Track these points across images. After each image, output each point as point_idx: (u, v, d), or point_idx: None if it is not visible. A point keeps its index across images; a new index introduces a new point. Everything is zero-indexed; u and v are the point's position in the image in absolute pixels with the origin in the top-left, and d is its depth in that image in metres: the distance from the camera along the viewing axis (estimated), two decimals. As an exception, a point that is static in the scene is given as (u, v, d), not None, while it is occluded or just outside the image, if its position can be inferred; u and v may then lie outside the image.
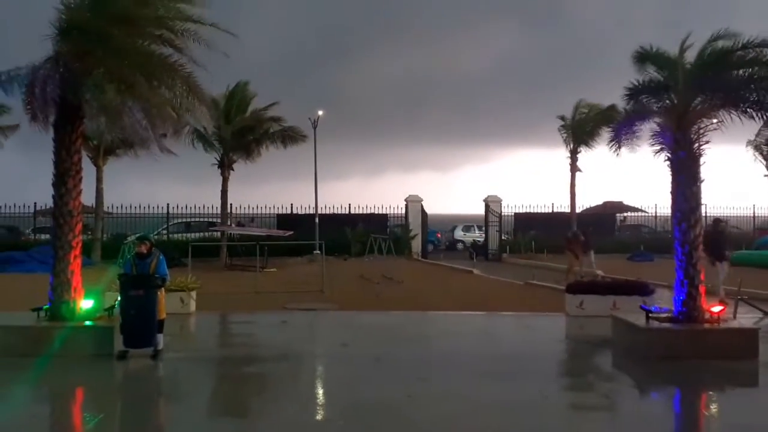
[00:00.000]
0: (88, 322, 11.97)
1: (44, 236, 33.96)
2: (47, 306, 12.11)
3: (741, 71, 12.36)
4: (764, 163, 39.74)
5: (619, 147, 13.20)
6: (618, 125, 13.37)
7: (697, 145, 12.54)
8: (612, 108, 33.53)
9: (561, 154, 38.87)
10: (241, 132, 32.55)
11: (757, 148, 39.14)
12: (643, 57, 12.79)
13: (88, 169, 14.84)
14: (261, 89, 34.16)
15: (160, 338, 11.65)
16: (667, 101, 12.68)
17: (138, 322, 11.30)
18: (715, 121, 12.97)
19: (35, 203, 36.15)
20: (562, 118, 38.17)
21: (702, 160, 12.53)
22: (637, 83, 12.82)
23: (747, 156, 40.16)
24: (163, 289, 11.94)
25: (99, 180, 32.34)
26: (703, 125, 12.66)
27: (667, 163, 12.60)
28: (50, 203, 12.72)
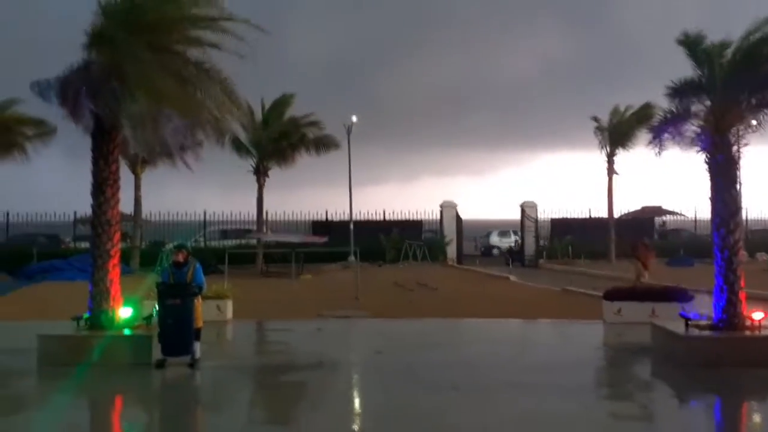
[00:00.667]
0: (126, 331, 12.11)
1: (84, 244, 34.41)
2: (87, 315, 12.27)
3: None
4: None
5: (661, 148, 12.91)
6: (659, 126, 13.08)
7: (735, 147, 12.33)
8: (647, 106, 33.10)
9: (597, 156, 38.33)
10: (277, 138, 32.76)
11: None
12: (684, 43, 12.48)
13: (126, 176, 15.06)
14: (301, 96, 34.38)
15: (197, 346, 11.73)
16: (707, 102, 12.43)
17: (175, 331, 11.39)
18: (754, 122, 12.75)
19: (75, 211, 36.74)
20: (596, 119, 37.73)
21: (741, 163, 12.33)
22: (679, 82, 12.51)
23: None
24: (200, 297, 12.03)
25: (137, 188, 32.75)
26: (742, 127, 12.45)
27: (706, 166, 12.40)
28: (90, 211, 12.89)
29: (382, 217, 40.50)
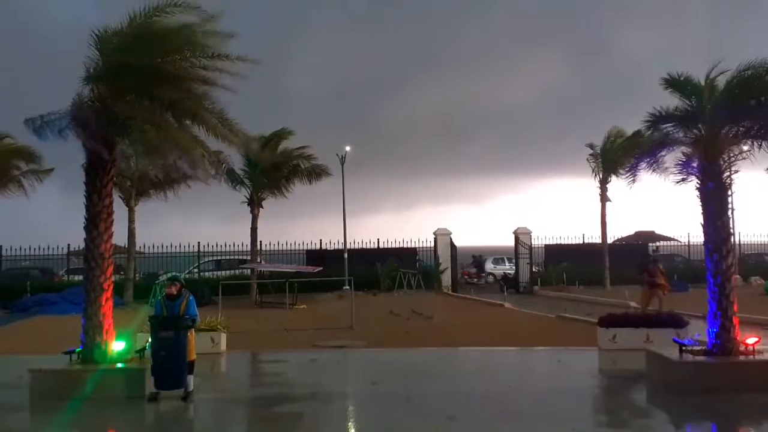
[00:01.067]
0: (120, 365, 12.05)
1: (78, 277, 34.37)
2: (79, 349, 12.22)
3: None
4: None
5: (635, 178, 13.13)
6: (639, 154, 13.24)
7: (726, 174, 12.44)
8: (637, 134, 33.41)
9: (591, 183, 38.52)
10: (271, 170, 32.90)
11: None
12: (671, 84, 12.70)
13: (120, 209, 15.07)
14: (299, 126, 34.86)
15: (191, 379, 11.67)
16: (695, 130, 12.58)
17: (168, 364, 11.34)
18: (745, 148, 12.87)
19: (68, 244, 36.74)
20: (591, 146, 38.06)
21: (732, 189, 12.42)
22: (659, 111, 12.70)
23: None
24: (193, 330, 12.00)
25: (131, 220, 32.75)
26: (731, 154, 12.56)
27: (697, 193, 12.49)
28: (83, 245, 12.88)
29: (376, 245, 40.49)
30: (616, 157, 36.40)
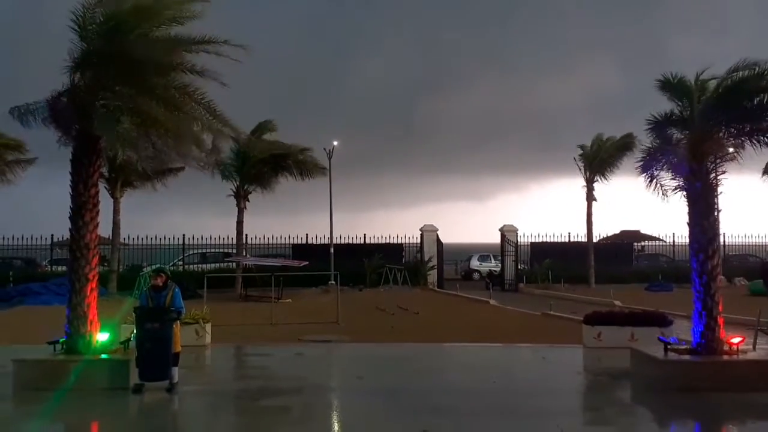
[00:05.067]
0: (104, 356, 11.99)
1: (61, 268, 34.22)
2: (63, 339, 12.14)
3: (755, 100, 12.32)
4: None
5: (653, 180, 13.10)
6: (648, 160, 13.19)
7: (713, 175, 12.49)
8: (629, 136, 34.07)
9: (579, 183, 38.71)
10: (258, 163, 32.66)
11: None
12: (664, 85, 12.74)
13: (105, 200, 14.94)
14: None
15: (175, 371, 11.62)
16: (685, 131, 12.64)
17: (153, 355, 11.29)
18: (731, 150, 12.94)
19: (52, 235, 36.49)
20: (582, 147, 38.38)
21: (719, 190, 12.49)
22: (658, 116, 12.79)
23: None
24: (178, 322, 11.94)
25: (116, 212, 32.58)
26: (719, 156, 12.62)
27: (684, 193, 12.55)
28: (68, 235, 12.78)
29: (362, 241, 40.48)
30: (605, 156, 36.99)
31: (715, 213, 12.55)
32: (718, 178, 12.55)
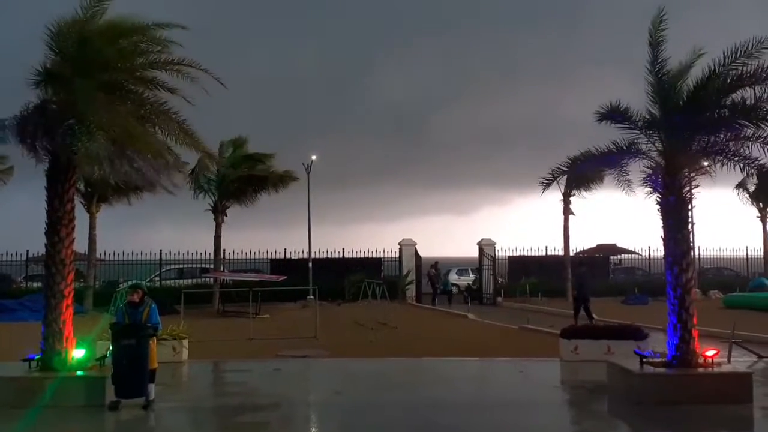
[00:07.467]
0: (79, 372, 11.86)
1: (36, 284, 33.73)
2: (39, 356, 12.01)
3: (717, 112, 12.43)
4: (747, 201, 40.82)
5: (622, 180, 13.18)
6: (607, 156, 13.28)
7: (687, 189, 12.64)
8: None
9: (556, 197, 38.90)
10: (236, 179, 32.67)
11: (742, 187, 39.95)
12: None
13: (81, 216, 14.84)
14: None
15: (152, 388, 11.52)
16: (657, 143, 12.74)
17: (129, 372, 11.19)
18: (705, 163, 13.11)
19: (27, 250, 35.98)
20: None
21: (692, 204, 12.63)
22: (608, 106, 12.82)
23: (741, 198, 40.91)
24: (155, 338, 11.86)
25: (92, 227, 32.28)
26: (692, 170, 12.78)
27: (658, 207, 12.68)
28: (43, 250, 12.66)
29: (341, 255, 40.42)
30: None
31: (689, 226, 12.70)
32: (692, 192, 12.70)
